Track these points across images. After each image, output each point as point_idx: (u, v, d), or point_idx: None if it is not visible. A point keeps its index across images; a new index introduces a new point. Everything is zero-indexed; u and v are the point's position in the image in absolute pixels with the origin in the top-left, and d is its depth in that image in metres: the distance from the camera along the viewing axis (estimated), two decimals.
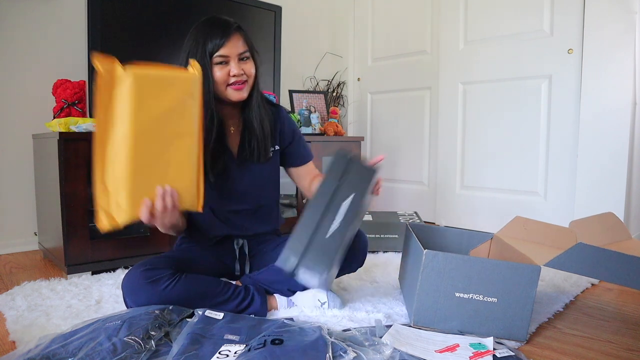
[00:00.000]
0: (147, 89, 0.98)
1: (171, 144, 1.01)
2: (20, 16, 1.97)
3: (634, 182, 2.03)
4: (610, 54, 1.93)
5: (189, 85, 1.03)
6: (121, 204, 0.98)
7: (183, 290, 1.11)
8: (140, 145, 0.98)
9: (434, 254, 1.08)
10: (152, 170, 1.00)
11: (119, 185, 0.98)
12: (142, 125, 0.98)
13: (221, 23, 1.19)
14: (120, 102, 0.96)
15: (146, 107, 0.98)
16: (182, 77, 1.03)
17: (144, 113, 0.98)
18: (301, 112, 2.52)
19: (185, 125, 1.03)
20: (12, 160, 2.00)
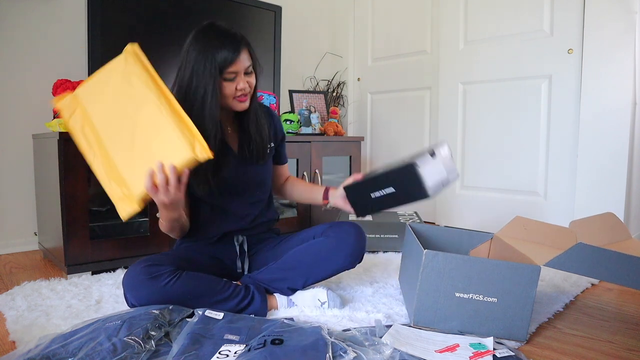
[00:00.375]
0: (94, 93, 1.08)
1: (138, 116, 1.05)
2: (20, 16, 1.97)
3: (634, 182, 2.03)
4: (610, 54, 1.93)
5: (123, 63, 1.07)
6: (128, 185, 1.04)
7: (183, 287, 1.11)
8: (112, 136, 1.06)
9: (434, 254, 1.08)
10: (134, 147, 1.05)
11: (118, 175, 1.05)
12: (104, 120, 1.07)
13: (229, 36, 1.18)
14: (85, 119, 1.08)
15: (98, 105, 1.07)
16: (115, 62, 1.08)
17: (100, 109, 1.07)
18: (301, 112, 2.52)
19: (140, 93, 1.05)
20: (12, 160, 2.00)
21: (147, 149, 1.04)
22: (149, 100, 1.04)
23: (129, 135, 1.04)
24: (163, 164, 1.02)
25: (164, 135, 1.03)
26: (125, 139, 1.05)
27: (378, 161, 3.00)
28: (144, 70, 1.06)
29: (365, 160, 3.05)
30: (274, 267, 1.26)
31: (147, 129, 1.04)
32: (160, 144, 1.03)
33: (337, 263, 1.25)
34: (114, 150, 1.05)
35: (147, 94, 1.05)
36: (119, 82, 1.06)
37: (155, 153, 1.03)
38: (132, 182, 1.04)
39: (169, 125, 1.03)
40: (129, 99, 1.05)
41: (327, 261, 1.25)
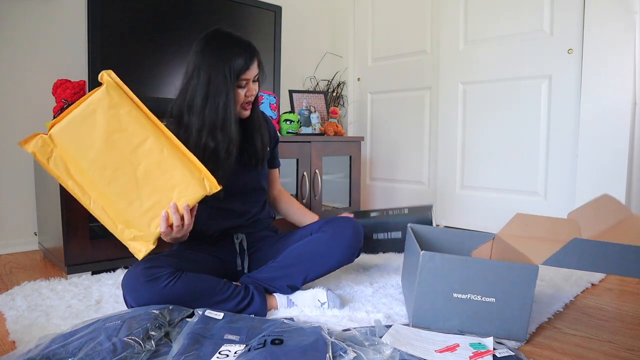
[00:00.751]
0: (76, 134, 1.00)
1: (136, 157, 1.02)
2: (20, 16, 1.97)
3: (634, 182, 2.03)
4: (610, 54, 1.93)
5: (107, 98, 1.00)
6: (140, 232, 1.04)
7: (183, 289, 1.11)
8: (111, 180, 1.01)
9: (431, 255, 1.08)
10: (139, 189, 1.02)
11: (126, 219, 1.03)
12: (98, 163, 1.01)
13: (243, 44, 1.21)
14: (69, 162, 1.01)
15: (88, 148, 1.00)
16: (96, 98, 1.00)
17: (91, 153, 1.00)
18: (301, 112, 2.52)
19: (134, 132, 1.01)
20: (12, 161, 2.00)
21: (154, 190, 1.03)
22: (146, 138, 1.01)
23: (131, 179, 1.02)
24: (177, 205, 1.03)
25: (171, 175, 1.02)
26: (128, 183, 1.02)
27: (378, 161, 3.00)
28: (131, 104, 1.01)
29: (365, 160, 3.05)
30: (273, 266, 1.26)
31: (151, 170, 1.02)
32: (169, 184, 1.03)
33: (335, 257, 1.26)
34: (116, 195, 1.02)
35: (143, 132, 1.01)
36: (107, 122, 1.00)
37: (164, 193, 1.03)
38: (142, 223, 1.03)
39: (174, 165, 1.03)
40: (124, 141, 1.01)
41: (325, 256, 1.26)
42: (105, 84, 1.01)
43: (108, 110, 1.00)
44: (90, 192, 1.02)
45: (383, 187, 2.99)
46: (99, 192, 1.02)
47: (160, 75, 1.99)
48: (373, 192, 3.06)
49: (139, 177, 1.02)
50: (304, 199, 2.31)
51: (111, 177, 1.01)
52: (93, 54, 1.79)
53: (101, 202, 1.02)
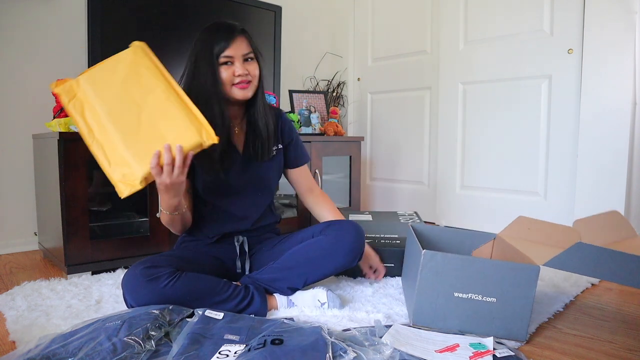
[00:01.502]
0: (98, 80, 1.10)
1: (144, 102, 1.08)
2: (20, 16, 1.97)
3: (634, 182, 2.03)
4: (610, 54, 1.93)
5: (131, 55, 1.11)
6: (131, 168, 1.06)
7: (183, 289, 1.11)
8: (117, 119, 1.08)
9: (433, 254, 1.08)
10: (140, 130, 1.08)
11: (121, 156, 1.07)
12: (109, 103, 1.08)
13: (226, 26, 1.24)
14: (86, 104, 1.10)
15: (104, 90, 1.09)
16: (122, 55, 1.12)
17: (106, 95, 1.09)
18: (301, 112, 2.52)
19: (147, 83, 1.09)
20: (12, 160, 2.00)
21: (153, 131, 1.07)
22: (157, 87, 1.09)
23: (134, 119, 1.07)
24: (170, 146, 1.05)
25: (171, 120, 1.07)
26: (131, 122, 1.07)
27: (378, 161, 3.00)
28: (152, 63, 1.11)
29: (365, 160, 3.05)
30: (273, 267, 1.26)
31: (154, 114, 1.08)
32: (168, 128, 1.07)
33: (337, 261, 1.25)
34: (118, 133, 1.07)
35: (155, 82, 1.09)
36: (127, 71, 1.09)
37: (162, 136, 1.07)
38: (135, 162, 1.06)
39: (176, 111, 1.08)
40: (136, 87, 1.09)
41: (326, 259, 1.25)
42: (133, 45, 1.12)
43: (130, 63, 1.10)
44: (95, 132, 1.08)
45: (383, 187, 2.99)
46: (103, 131, 1.08)
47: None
48: (373, 192, 3.06)
49: (142, 119, 1.08)
50: None
51: (118, 117, 1.07)
52: (93, 53, 1.79)
53: (102, 141, 1.08)
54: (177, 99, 1.09)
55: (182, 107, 1.09)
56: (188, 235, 1.37)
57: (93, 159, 1.53)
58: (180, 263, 1.18)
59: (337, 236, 1.26)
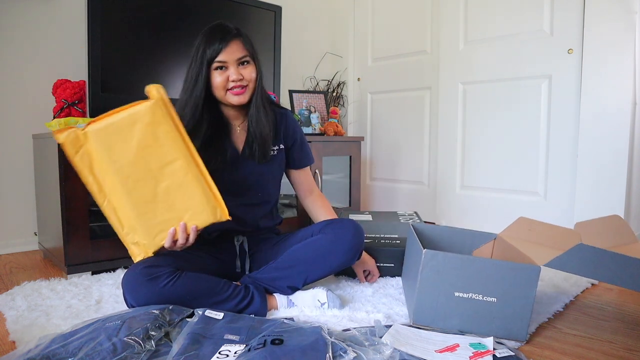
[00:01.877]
0: (111, 138, 1.03)
1: (162, 174, 1.06)
2: (20, 16, 1.97)
3: (634, 182, 2.03)
4: (610, 54, 1.93)
5: (150, 116, 1.04)
6: (143, 241, 1.08)
7: (182, 288, 1.11)
8: (132, 189, 1.05)
9: (433, 254, 1.08)
10: (155, 204, 1.07)
11: (134, 225, 1.07)
12: (125, 171, 1.04)
13: (221, 29, 1.23)
14: (96, 160, 1.04)
15: (119, 154, 1.04)
16: (139, 112, 1.04)
17: (121, 160, 1.04)
18: (301, 112, 2.52)
19: (167, 151, 1.05)
20: (12, 160, 2.00)
21: (169, 207, 1.07)
22: (176, 160, 1.06)
23: (150, 191, 1.05)
24: (186, 226, 1.08)
25: (188, 198, 1.07)
26: (146, 194, 1.05)
27: (378, 161, 3.00)
28: (171, 125, 1.05)
29: (365, 160, 3.05)
30: (273, 266, 1.26)
31: (172, 188, 1.06)
32: (184, 206, 1.07)
33: (337, 259, 1.26)
34: (132, 203, 1.05)
35: (175, 153, 1.06)
36: (144, 135, 1.04)
37: (178, 212, 1.07)
38: (149, 234, 1.08)
39: (194, 188, 1.07)
40: (154, 156, 1.05)
41: (326, 258, 1.25)
42: (153, 100, 1.04)
43: (148, 126, 1.04)
44: (107, 192, 1.06)
45: (383, 187, 2.99)
46: (116, 195, 1.05)
47: (161, 75, 1.99)
48: (373, 192, 3.06)
49: (159, 193, 1.06)
50: None
51: (132, 186, 1.05)
52: (93, 54, 1.79)
53: (115, 204, 1.06)
54: (195, 173, 1.07)
55: (200, 183, 1.07)
56: None
57: None
58: (180, 263, 1.18)
59: (337, 234, 1.26)
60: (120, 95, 1.87)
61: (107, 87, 1.84)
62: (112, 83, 1.85)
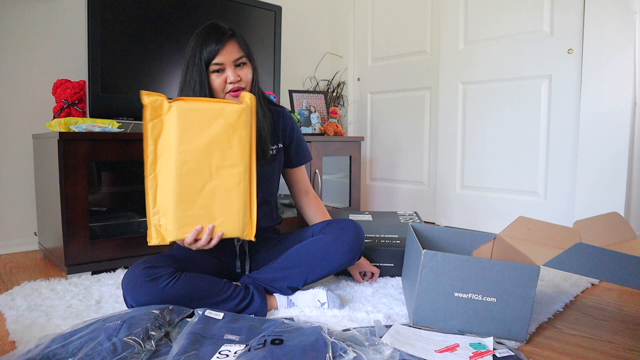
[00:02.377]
0: (191, 121, 1.05)
1: (218, 173, 1.08)
2: (20, 16, 1.97)
3: (634, 182, 2.03)
4: (610, 54, 1.93)
5: (235, 117, 1.07)
6: (168, 226, 1.07)
7: (183, 289, 1.11)
8: (184, 174, 1.05)
9: (433, 254, 1.08)
10: (197, 197, 1.07)
11: (167, 209, 1.07)
12: (186, 155, 1.05)
13: (216, 31, 1.22)
14: (166, 134, 1.05)
15: (190, 138, 1.05)
16: (228, 110, 1.07)
17: (188, 144, 1.05)
18: (301, 112, 2.52)
19: (232, 156, 1.08)
20: (12, 160, 2.00)
21: (208, 205, 1.08)
22: (236, 167, 1.08)
23: (199, 185, 1.06)
24: (214, 229, 1.08)
25: (228, 206, 1.08)
26: (194, 186, 1.06)
27: (378, 161, 3.00)
28: (247, 134, 1.09)
29: (365, 160, 3.05)
30: (273, 267, 1.26)
31: (218, 190, 1.08)
32: (221, 210, 1.08)
33: (336, 259, 1.25)
34: (178, 186, 1.05)
35: (238, 160, 1.08)
36: (221, 132, 1.06)
37: (212, 213, 1.08)
38: (176, 224, 1.06)
39: (237, 201, 1.09)
40: (219, 154, 1.07)
41: (326, 258, 1.25)
42: (244, 105, 1.09)
43: (229, 126, 1.07)
44: (158, 167, 1.07)
45: (383, 187, 2.99)
46: (165, 174, 1.06)
47: (160, 75, 1.99)
48: (373, 192, 3.06)
49: (206, 189, 1.07)
50: None
51: (186, 172, 1.06)
52: (93, 54, 1.79)
53: (159, 181, 1.07)
54: (246, 185, 1.10)
55: (245, 197, 1.09)
56: None
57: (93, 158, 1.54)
58: (180, 263, 1.18)
59: (337, 235, 1.26)
60: (121, 95, 1.87)
61: (107, 87, 1.84)
62: (112, 83, 1.85)
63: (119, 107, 1.87)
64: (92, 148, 1.61)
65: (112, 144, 1.66)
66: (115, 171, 1.98)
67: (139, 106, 1.97)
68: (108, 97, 1.84)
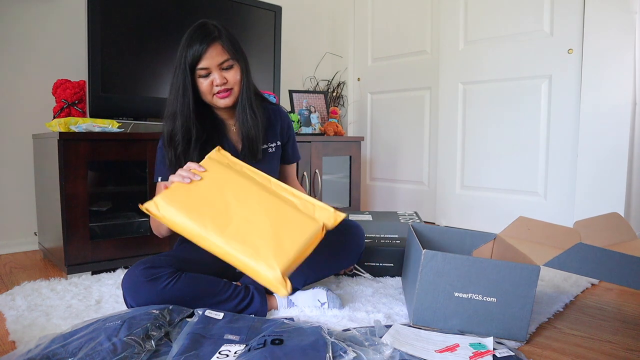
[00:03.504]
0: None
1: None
2: (20, 16, 1.97)
3: (634, 182, 2.03)
4: (610, 54, 1.93)
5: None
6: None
7: (183, 289, 1.11)
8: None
9: (433, 254, 1.08)
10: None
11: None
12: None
13: (201, 33, 1.19)
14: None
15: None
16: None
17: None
18: (301, 112, 2.52)
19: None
20: (12, 160, 2.00)
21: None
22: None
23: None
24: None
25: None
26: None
27: (378, 161, 3.00)
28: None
29: (365, 160, 3.05)
30: None
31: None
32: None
33: (337, 260, 1.26)
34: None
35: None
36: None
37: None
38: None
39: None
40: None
41: (326, 259, 1.25)
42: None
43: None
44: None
45: (383, 187, 2.99)
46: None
47: (161, 75, 1.99)
48: (373, 192, 3.06)
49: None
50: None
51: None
52: (93, 54, 1.79)
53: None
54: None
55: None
56: None
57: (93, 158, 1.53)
58: (180, 263, 1.18)
59: (337, 235, 1.26)
60: (121, 95, 1.87)
61: (107, 87, 1.83)
62: (112, 83, 1.85)
63: (119, 107, 1.87)
64: (92, 148, 1.61)
65: (112, 144, 1.66)
66: (115, 171, 1.98)
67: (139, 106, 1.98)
68: (108, 97, 1.84)
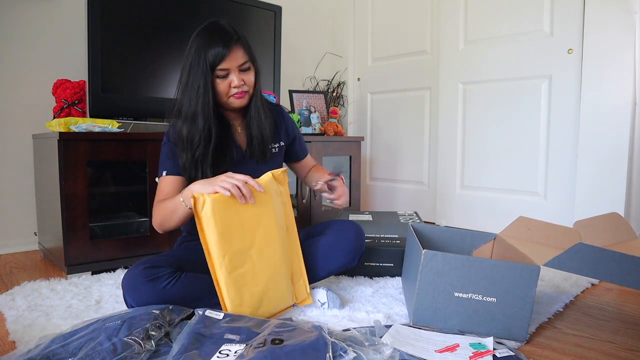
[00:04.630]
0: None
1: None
2: (20, 16, 1.97)
3: (634, 182, 2.03)
4: (610, 54, 1.93)
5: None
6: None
7: (183, 289, 1.11)
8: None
9: (433, 254, 1.08)
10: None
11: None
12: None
13: (222, 34, 1.19)
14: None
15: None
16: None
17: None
18: (301, 112, 2.52)
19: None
20: (12, 160, 2.00)
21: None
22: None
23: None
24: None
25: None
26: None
27: (378, 161, 3.00)
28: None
29: (365, 160, 3.05)
30: None
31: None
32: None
33: (337, 261, 1.25)
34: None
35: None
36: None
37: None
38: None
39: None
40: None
41: (326, 259, 1.25)
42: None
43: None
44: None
45: (383, 187, 2.99)
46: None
47: (161, 75, 1.99)
48: (373, 192, 3.06)
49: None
50: (304, 199, 2.31)
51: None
52: (93, 54, 1.79)
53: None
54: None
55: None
56: (188, 235, 1.37)
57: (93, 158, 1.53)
58: (180, 263, 1.18)
59: (338, 236, 1.26)
60: (121, 95, 1.87)
61: (107, 87, 1.84)
62: (112, 83, 1.85)
63: (119, 107, 1.87)
64: (92, 148, 1.61)
65: (112, 144, 1.66)
66: (115, 171, 1.98)
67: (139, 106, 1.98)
68: (108, 97, 1.84)
